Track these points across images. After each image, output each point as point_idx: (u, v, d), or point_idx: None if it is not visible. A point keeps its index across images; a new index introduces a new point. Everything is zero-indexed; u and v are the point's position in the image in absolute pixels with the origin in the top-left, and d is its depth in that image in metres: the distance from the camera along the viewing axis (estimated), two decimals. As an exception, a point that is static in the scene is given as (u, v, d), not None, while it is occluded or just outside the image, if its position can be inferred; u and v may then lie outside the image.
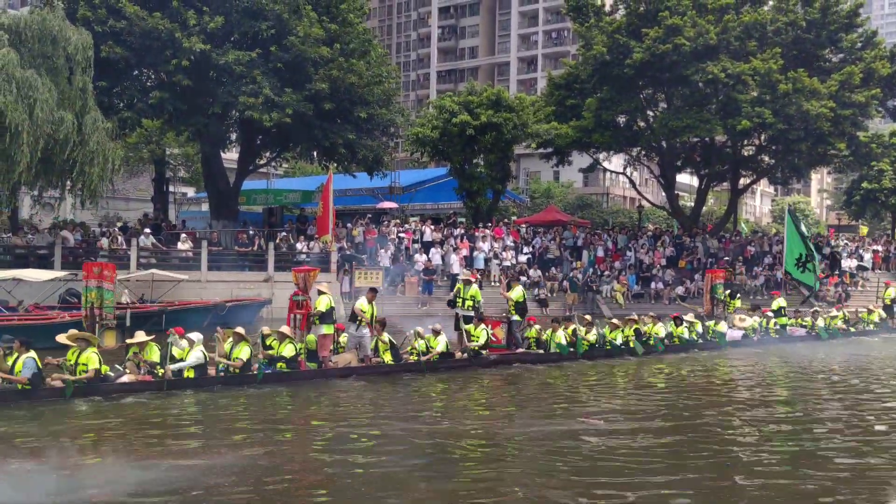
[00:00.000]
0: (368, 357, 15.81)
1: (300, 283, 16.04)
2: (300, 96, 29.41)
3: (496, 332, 18.13)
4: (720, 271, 27.25)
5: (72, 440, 10.10)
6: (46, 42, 24.15)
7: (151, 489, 7.93)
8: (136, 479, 8.16)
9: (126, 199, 49.68)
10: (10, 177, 23.75)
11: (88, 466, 8.91)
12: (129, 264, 26.62)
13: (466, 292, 17.97)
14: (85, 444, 10.01)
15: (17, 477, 8.26)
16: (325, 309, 15.22)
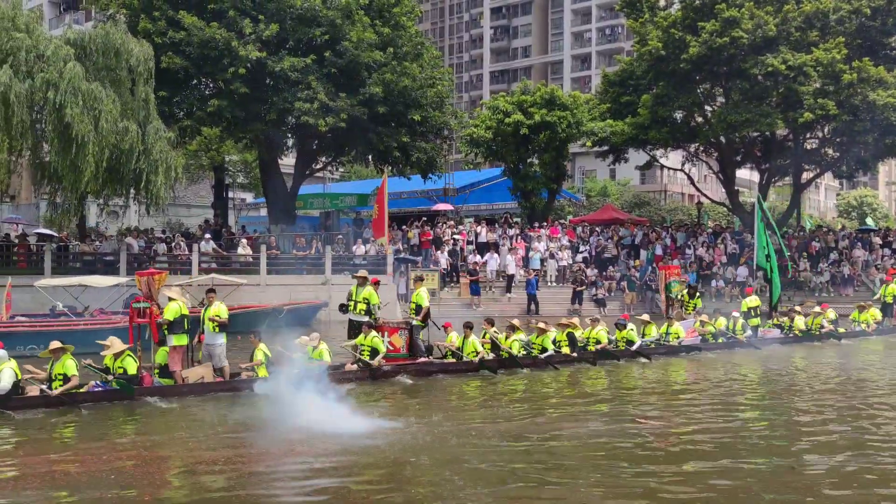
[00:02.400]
0: (225, 368, 13.88)
1: (143, 287, 14.00)
2: (354, 101, 29.72)
3: (393, 340, 16.03)
4: (675, 267, 24.62)
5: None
6: (110, 55, 24.94)
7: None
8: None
9: (188, 206, 50.86)
10: (78, 186, 24.60)
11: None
12: (191, 269, 27.25)
13: (359, 294, 15.96)
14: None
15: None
16: (174, 318, 13.33)
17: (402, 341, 16.17)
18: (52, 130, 23.78)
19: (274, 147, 33.56)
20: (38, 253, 27.71)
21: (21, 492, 8.02)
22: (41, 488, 8.16)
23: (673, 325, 19.60)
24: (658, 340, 19.18)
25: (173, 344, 13.44)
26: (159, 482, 8.54)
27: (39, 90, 23.05)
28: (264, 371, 13.67)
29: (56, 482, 8.40)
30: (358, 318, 15.78)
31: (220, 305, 14.30)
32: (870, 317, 24.19)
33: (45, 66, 23.33)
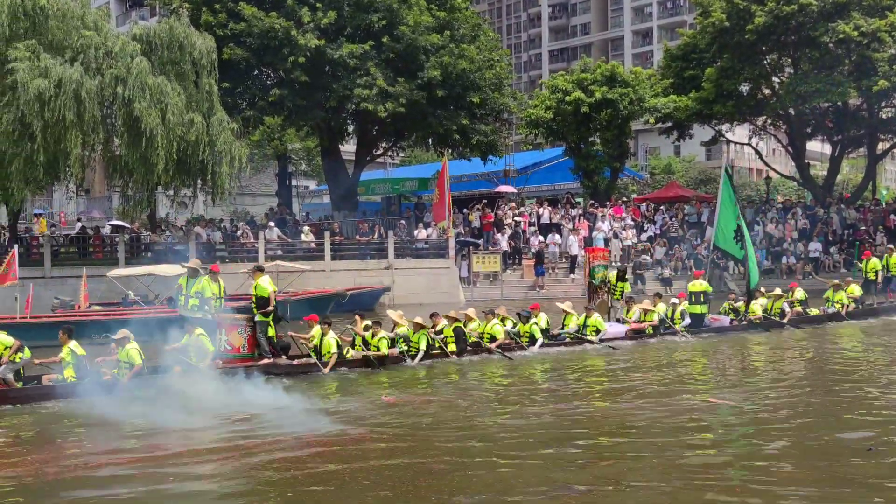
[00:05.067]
0: (10, 380, 12.16)
1: None
2: (413, 85, 29.76)
3: (231, 339, 14.07)
4: (600, 249, 22.68)
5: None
6: (174, 49, 25.53)
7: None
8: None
9: (253, 195, 51.87)
10: (149, 179, 25.35)
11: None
12: (258, 257, 27.81)
13: (191, 287, 13.99)
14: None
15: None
16: None
17: (243, 340, 14.20)
18: (122, 125, 24.51)
19: (334, 134, 33.89)
20: (111, 244, 28.68)
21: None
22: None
23: (592, 317, 17.03)
24: (576, 333, 16.92)
25: None
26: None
27: (109, 86, 23.74)
28: (71, 372, 12.35)
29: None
30: (191, 315, 13.60)
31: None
32: (845, 297, 20.76)
33: (114, 62, 24.02)
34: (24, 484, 8.22)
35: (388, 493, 7.65)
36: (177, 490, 7.92)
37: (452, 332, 15.32)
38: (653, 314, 18.06)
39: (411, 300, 26.09)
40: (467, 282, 29.49)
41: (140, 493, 7.82)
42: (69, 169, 24.67)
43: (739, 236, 20.41)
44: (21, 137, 22.97)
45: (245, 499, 7.67)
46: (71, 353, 12.37)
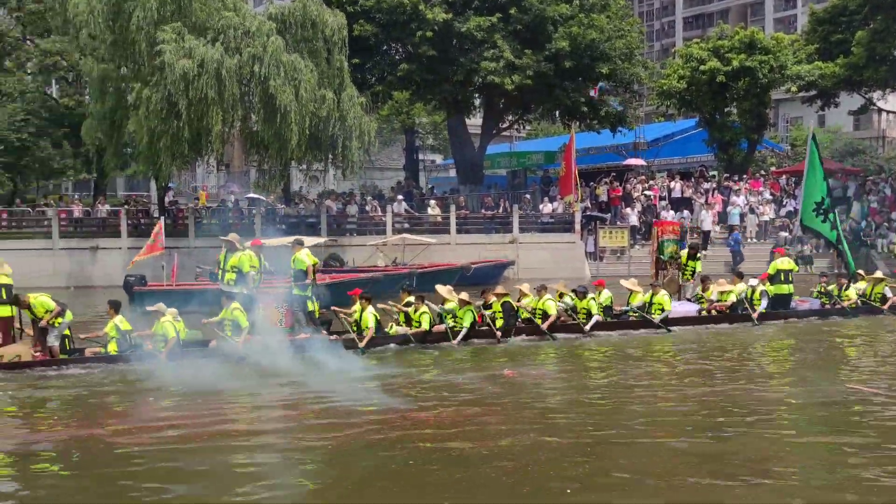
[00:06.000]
0: (54, 349, 12.56)
1: None
2: (540, 57, 29.37)
3: (269, 313, 13.91)
4: (670, 223, 20.98)
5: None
6: (307, 27, 26.30)
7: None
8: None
9: (381, 169, 52.88)
10: (283, 153, 26.37)
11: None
12: (385, 230, 28.42)
13: (228, 261, 13.73)
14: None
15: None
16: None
17: (280, 314, 14.05)
18: (258, 102, 25.54)
19: (461, 108, 33.98)
20: (249, 217, 30.04)
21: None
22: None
23: (658, 294, 15.78)
24: (641, 311, 15.77)
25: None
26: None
27: (247, 64, 24.75)
28: (114, 346, 12.68)
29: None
30: (229, 290, 13.44)
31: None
32: (853, 292, 17.55)
33: (251, 41, 25.00)
34: (93, 450, 8.54)
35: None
36: (289, 463, 8.12)
37: (501, 307, 14.73)
38: (728, 294, 16.67)
39: (535, 275, 25.92)
40: (593, 257, 29.03)
41: (262, 463, 8.13)
42: (211, 145, 25.98)
43: (821, 211, 18.95)
44: (168, 115, 24.36)
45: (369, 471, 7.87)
46: (115, 327, 12.68)
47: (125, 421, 9.64)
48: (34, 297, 12.64)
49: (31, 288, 22.77)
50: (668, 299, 15.89)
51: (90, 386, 11.52)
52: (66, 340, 12.87)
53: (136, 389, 11.33)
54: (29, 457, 8.27)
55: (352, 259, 27.23)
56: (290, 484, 7.33)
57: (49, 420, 10.02)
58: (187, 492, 7.16)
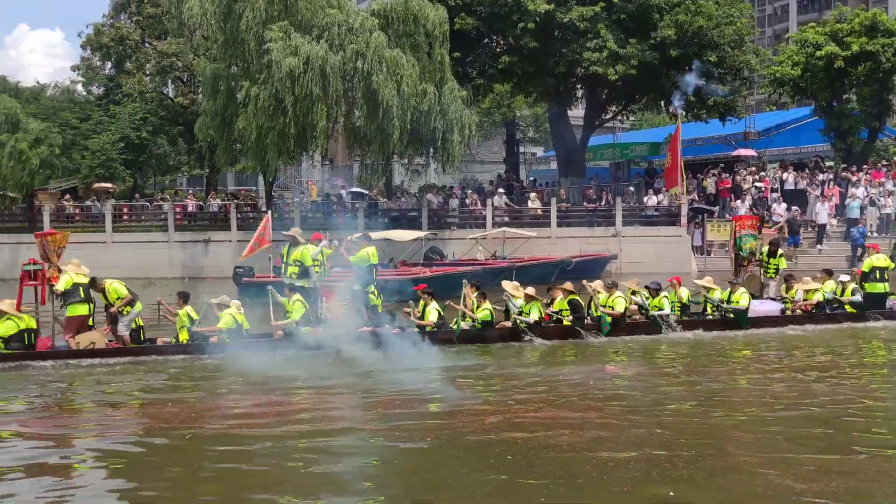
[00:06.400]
0: (125, 337, 13.01)
1: (39, 249, 13.32)
2: (645, 46, 28.62)
3: (331, 306, 14.19)
4: (749, 217, 19.67)
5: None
6: (409, 21, 26.55)
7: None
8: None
9: (481, 162, 52.89)
10: (386, 148, 26.75)
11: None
12: (485, 223, 28.40)
13: (290, 255, 14.19)
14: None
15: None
16: (64, 288, 12.71)
17: (343, 307, 14.19)
18: (361, 97, 26.00)
19: (563, 99, 33.54)
20: (352, 210, 30.63)
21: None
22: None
23: (736, 292, 15.09)
24: (717, 307, 15.13)
25: (67, 315, 12.95)
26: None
27: (350, 60, 25.20)
28: (185, 335, 13.07)
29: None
30: (292, 283, 13.83)
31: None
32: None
33: (354, 37, 25.43)
34: (185, 436, 8.80)
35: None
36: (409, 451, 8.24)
37: (567, 304, 14.44)
38: (814, 293, 15.71)
39: (639, 269, 25.33)
40: (700, 251, 28.09)
41: (382, 452, 8.25)
42: (315, 140, 26.64)
43: None
44: (275, 112, 25.10)
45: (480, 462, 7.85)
46: (188, 316, 13.14)
47: (207, 411, 9.89)
48: (109, 283, 13.15)
49: (149, 278, 23.96)
50: (747, 298, 15.19)
51: (164, 375, 11.95)
52: (140, 331, 13.36)
53: (211, 379, 11.70)
54: (112, 447, 8.50)
55: (452, 252, 27.36)
56: (387, 481, 7.40)
57: (127, 408, 10.39)
58: (285, 486, 7.26)
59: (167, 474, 7.58)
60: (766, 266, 17.13)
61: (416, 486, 7.21)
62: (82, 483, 7.43)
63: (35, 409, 10.37)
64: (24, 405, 10.43)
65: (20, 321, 12.44)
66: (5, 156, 29.04)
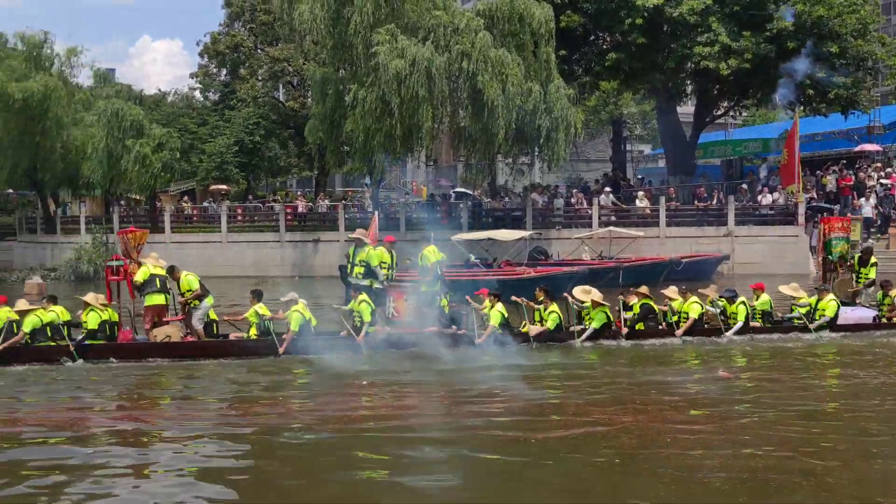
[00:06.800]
0: (199, 331, 13.31)
1: (121, 245, 13.93)
2: (759, 38, 27.51)
3: (398, 306, 14.31)
4: (839, 218, 18.19)
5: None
6: (514, 21, 26.47)
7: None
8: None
9: (587, 161, 52.13)
10: (490, 148, 26.77)
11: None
12: (591, 223, 27.98)
13: (356, 256, 14.48)
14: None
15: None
16: (142, 279, 13.14)
17: (408, 308, 14.25)
18: (466, 97, 26.10)
19: (672, 96, 32.68)
20: (456, 211, 30.79)
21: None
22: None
23: (825, 299, 14.27)
24: (806, 318, 14.33)
25: (145, 304, 13.31)
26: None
27: (455, 61, 25.34)
28: (254, 332, 13.23)
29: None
30: (357, 283, 14.17)
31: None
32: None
33: (460, 38, 25.53)
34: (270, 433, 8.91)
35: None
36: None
37: (640, 309, 14.10)
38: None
39: (753, 270, 24.39)
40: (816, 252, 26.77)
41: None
42: (421, 141, 26.90)
43: None
44: (382, 114, 25.50)
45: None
46: (256, 314, 13.19)
47: (295, 408, 10.09)
48: (185, 275, 13.48)
49: (261, 277, 24.83)
50: (835, 306, 14.43)
51: (240, 369, 12.24)
52: (214, 326, 13.69)
53: (283, 374, 11.97)
54: (216, 443, 8.64)
55: (557, 252, 27.10)
56: (489, 481, 7.37)
57: (207, 401, 10.63)
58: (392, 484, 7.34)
59: (274, 472, 7.75)
60: (857, 275, 16.25)
61: (532, 487, 7.16)
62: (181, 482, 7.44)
63: (124, 402, 10.69)
64: (108, 399, 10.76)
65: (103, 314, 12.96)
66: (131, 160, 30.66)
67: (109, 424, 9.38)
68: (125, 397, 10.84)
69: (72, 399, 10.68)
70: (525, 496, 6.92)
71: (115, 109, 31.13)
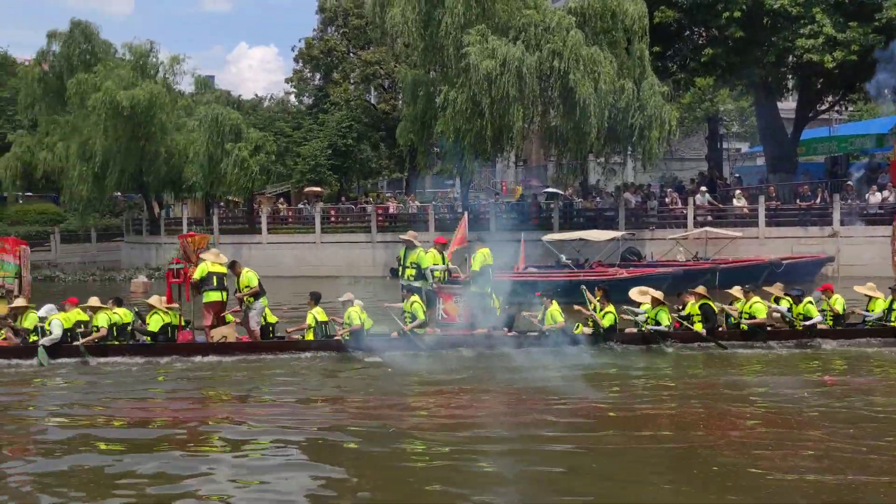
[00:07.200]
0: (255, 332, 13.55)
1: (182, 250, 14.35)
2: (868, 28, 26.20)
3: (447, 307, 14.20)
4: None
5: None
6: (606, 18, 26.10)
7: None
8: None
9: (681, 160, 50.86)
10: (582, 147, 26.44)
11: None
12: (686, 223, 27.26)
13: (407, 258, 14.60)
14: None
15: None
16: (199, 276, 13.45)
17: (459, 309, 14.24)
18: (557, 96, 25.85)
19: (772, 91, 31.48)
20: (547, 211, 30.53)
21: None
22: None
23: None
24: (881, 320, 13.56)
25: (203, 301, 13.66)
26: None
27: (546, 60, 25.14)
28: (311, 335, 13.42)
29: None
30: (408, 284, 14.35)
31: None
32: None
33: (551, 37, 25.33)
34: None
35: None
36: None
37: (699, 309, 13.68)
38: None
39: (860, 272, 23.18)
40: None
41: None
42: (511, 141, 26.80)
43: None
44: (472, 115, 25.55)
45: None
46: (314, 317, 13.44)
47: (359, 408, 10.16)
48: (246, 271, 13.82)
49: (353, 276, 25.20)
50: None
51: (293, 369, 12.46)
52: (271, 328, 13.95)
53: (339, 374, 12.13)
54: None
55: (650, 253, 26.52)
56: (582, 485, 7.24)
57: (258, 399, 10.82)
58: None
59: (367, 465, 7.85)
60: None
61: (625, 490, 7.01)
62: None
63: (183, 398, 11.07)
64: (165, 396, 11.25)
65: (165, 316, 13.47)
66: (230, 163, 31.73)
67: (168, 417, 9.91)
68: (183, 394, 11.26)
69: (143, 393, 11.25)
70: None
71: (215, 114, 32.27)
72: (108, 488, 7.18)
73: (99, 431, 9.16)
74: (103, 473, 7.60)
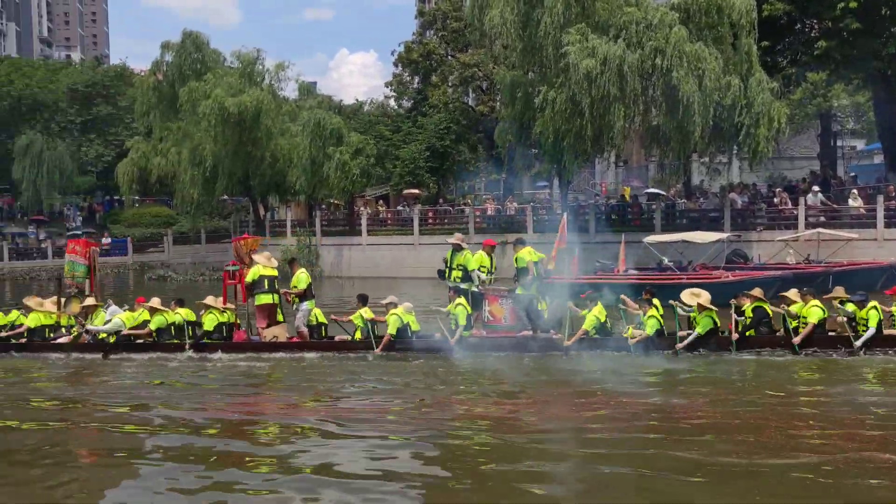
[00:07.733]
0: (303, 332, 13.97)
1: (235, 253, 14.88)
2: None
3: (493, 310, 14.03)
4: None
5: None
6: (712, 13, 25.30)
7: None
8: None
9: (790, 158, 48.81)
10: (685, 146, 25.75)
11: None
12: (797, 224, 26.12)
13: (454, 260, 14.44)
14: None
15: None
16: (251, 279, 13.95)
17: (505, 311, 14.07)
18: (660, 95, 25.24)
19: (893, 85, 29.77)
20: (648, 212, 29.85)
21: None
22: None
23: None
24: None
25: (255, 304, 14.08)
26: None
27: (648, 58, 24.60)
28: (359, 335, 13.63)
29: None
30: (456, 286, 14.26)
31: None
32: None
33: (653, 34, 24.76)
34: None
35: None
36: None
37: (752, 312, 12.83)
38: None
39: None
40: None
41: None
42: (612, 141, 26.32)
43: None
44: (572, 115, 25.25)
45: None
46: (360, 317, 13.58)
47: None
48: (300, 272, 14.30)
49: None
50: None
51: (335, 366, 12.79)
52: (322, 329, 14.35)
53: (380, 375, 12.20)
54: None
55: (757, 255, 25.52)
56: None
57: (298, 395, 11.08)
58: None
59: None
60: None
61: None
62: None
63: (240, 393, 11.49)
64: (224, 395, 11.48)
65: (221, 315, 14.04)
66: (332, 166, 32.48)
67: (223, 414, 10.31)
68: (240, 389, 11.74)
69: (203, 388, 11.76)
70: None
71: (318, 119, 33.11)
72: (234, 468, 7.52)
73: (201, 426, 9.68)
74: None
